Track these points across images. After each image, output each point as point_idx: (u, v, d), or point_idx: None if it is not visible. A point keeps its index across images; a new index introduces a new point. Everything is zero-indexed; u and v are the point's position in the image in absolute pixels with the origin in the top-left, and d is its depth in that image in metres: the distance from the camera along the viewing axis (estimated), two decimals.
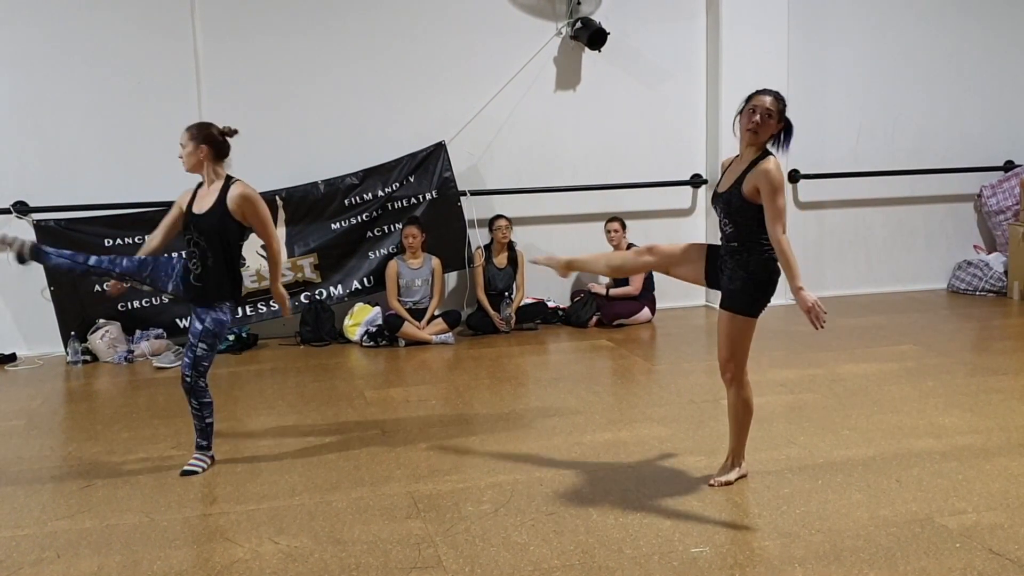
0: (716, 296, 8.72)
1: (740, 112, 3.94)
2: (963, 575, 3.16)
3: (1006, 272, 8.62)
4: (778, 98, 3.87)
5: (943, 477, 4.07)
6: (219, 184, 4.37)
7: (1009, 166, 9.06)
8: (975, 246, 9.10)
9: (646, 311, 7.78)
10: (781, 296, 8.73)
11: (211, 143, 4.36)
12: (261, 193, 7.19)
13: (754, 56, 8.14)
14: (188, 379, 4.38)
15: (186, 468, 4.41)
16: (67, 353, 6.92)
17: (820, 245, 8.82)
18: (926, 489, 3.94)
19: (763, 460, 4.34)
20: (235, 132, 4.46)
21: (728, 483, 4.03)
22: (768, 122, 3.84)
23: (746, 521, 3.65)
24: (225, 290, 4.35)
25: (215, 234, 4.29)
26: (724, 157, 8.12)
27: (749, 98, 3.90)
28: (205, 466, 4.44)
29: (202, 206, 4.34)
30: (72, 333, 6.93)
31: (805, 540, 3.47)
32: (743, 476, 4.09)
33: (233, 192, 4.32)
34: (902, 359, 6.24)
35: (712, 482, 4.04)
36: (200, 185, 4.43)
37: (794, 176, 8.57)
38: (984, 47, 8.95)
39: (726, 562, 3.30)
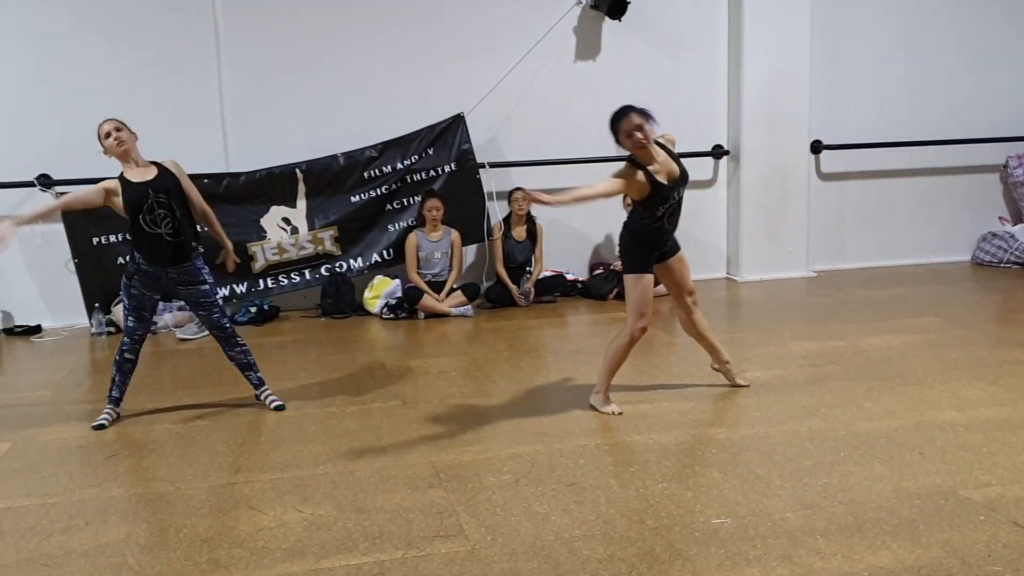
0: (736, 268, 8.70)
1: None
2: (987, 547, 3.15)
3: None
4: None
5: (967, 450, 4.05)
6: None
7: None
8: (1000, 218, 8.99)
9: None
10: (802, 268, 8.71)
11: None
12: (282, 165, 7.33)
13: (777, 24, 8.05)
14: (229, 326, 4.87)
15: (278, 404, 4.95)
16: (91, 324, 6.99)
17: (841, 216, 8.75)
18: (950, 462, 3.93)
19: (785, 432, 4.33)
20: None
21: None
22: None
23: (768, 493, 3.65)
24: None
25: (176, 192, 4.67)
26: (746, 127, 8.12)
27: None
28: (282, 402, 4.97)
29: (146, 176, 4.67)
30: (96, 305, 6.99)
31: (827, 512, 3.47)
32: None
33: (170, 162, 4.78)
34: (925, 331, 6.20)
35: None
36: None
37: (816, 146, 8.49)
38: (1011, 15, 8.80)
39: (747, 533, 3.30)
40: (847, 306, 7.16)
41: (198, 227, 4.86)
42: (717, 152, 8.38)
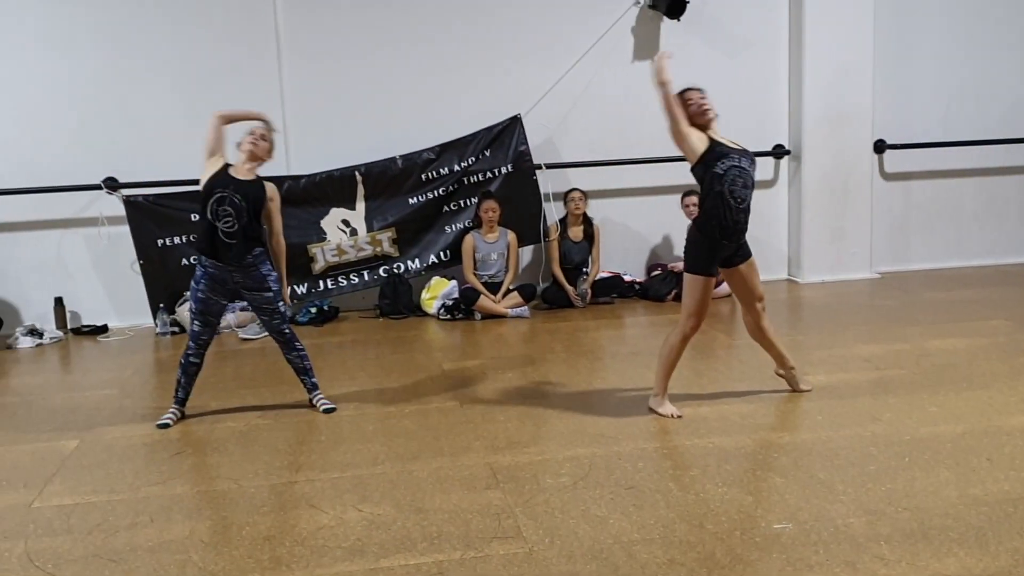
0: (798, 269, 8.56)
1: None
2: None
3: None
4: None
5: None
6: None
7: None
8: None
9: (725, 286, 7.65)
10: (865, 270, 8.55)
11: None
12: (342, 168, 7.42)
13: (839, 20, 7.91)
14: (289, 332, 4.96)
15: (328, 407, 4.99)
16: (156, 325, 7.15)
17: (907, 217, 8.57)
18: (1019, 468, 3.81)
19: (848, 436, 4.25)
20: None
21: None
22: None
23: (830, 498, 3.59)
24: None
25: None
26: (807, 126, 7.99)
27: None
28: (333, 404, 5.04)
29: (242, 177, 4.82)
30: (160, 305, 7.15)
31: (891, 517, 3.39)
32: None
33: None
34: (993, 334, 6.04)
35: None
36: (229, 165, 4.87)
37: (880, 146, 8.33)
38: None
39: (810, 539, 3.25)
40: (912, 308, 7.01)
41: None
42: (778, 152, 8.27)
